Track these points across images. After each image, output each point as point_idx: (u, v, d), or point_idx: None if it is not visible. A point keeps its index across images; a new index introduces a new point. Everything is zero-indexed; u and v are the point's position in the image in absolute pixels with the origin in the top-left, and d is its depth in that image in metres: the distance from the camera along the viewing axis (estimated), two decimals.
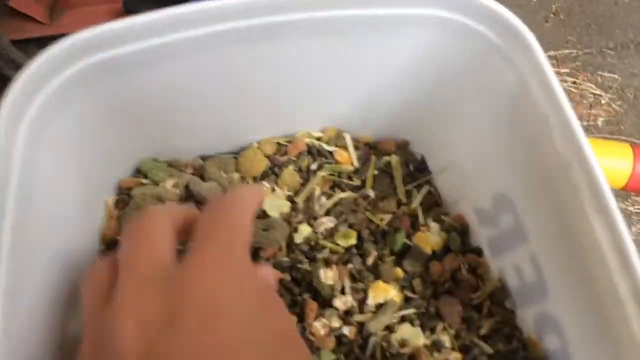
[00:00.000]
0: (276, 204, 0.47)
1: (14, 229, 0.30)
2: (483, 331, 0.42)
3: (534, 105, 0.35)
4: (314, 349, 0.41)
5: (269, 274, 0.34)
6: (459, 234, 0.47)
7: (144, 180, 0.46)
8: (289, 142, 0.50)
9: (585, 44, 1.85)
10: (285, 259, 0.44)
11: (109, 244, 0.43)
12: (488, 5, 0.36)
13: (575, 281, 0.35)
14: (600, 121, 1.71)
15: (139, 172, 0.47)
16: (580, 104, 1.74)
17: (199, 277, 0.25)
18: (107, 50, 0.35)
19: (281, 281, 0.43)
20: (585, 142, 0.32)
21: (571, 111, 0.33)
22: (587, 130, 1.68)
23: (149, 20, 0.34)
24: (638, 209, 1.53)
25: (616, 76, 1.79)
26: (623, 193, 1.58)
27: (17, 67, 0.60)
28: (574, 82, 1.81)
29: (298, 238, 0.46)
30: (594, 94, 1.75)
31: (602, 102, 1.74)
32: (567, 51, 1.82)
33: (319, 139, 0.50)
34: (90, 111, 0.39)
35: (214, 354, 0.23)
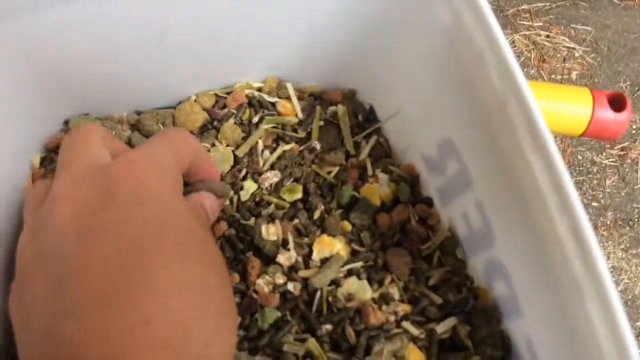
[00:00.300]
0: (217, 159, 0.44)
1: None
2: (432, 282, 0.41)
3: (469, 40, 0.32)
4: (258, 306, 0.39)
5: (203, 198, 0.36)
6: (408, 185, 0.45)
7: None
8: (228, 94, 0.47)
9: None
10: (232, 215, 0.42)
11: None
12: None
13: (519, 225, 0.33)
14: (574, 74, 1.70)
15: (67, 131, 0.44)
16: (554, 57, 1.72)
17: (128, 167, 0.28)
18: None
19: (226, 237, 0.41)
20: (522, 77, 0.30)
21: (506, 44, 0.30)
22: (561, 83, 1.66)
23: None
24: (613, 162, 1.53)
25: (589, 28, 1.77)
26: (598, 145, 1.57)
27: None
28: (548, 36, 1.79)
29: (244, 195, 0.44)
30: (568, 47, 1.73)
31: (576, 55, 1.72)
32: (540, 4, 1.79)
33: (259, 89, 0.48)
34: (5, 63, 0.36)
35: (144, 222, 0.26)
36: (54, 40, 0.37)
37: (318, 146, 0.47)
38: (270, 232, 0.41)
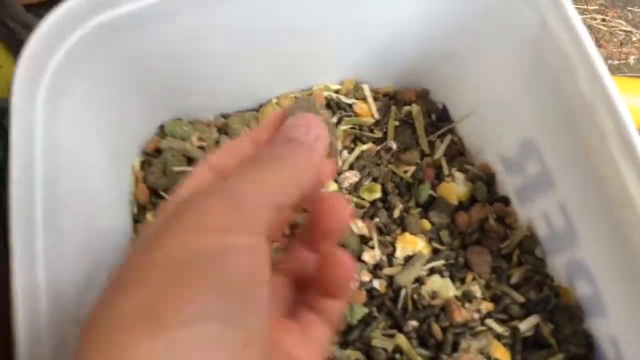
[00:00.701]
0: None
1: (45, 200, 0.30)
2: (513, 280, 0.42)
3: (557, 46, 0.33)
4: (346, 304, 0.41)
5: None
6: (484, 183, 0.46)
7: (170, 139, 0.46)
8: (308, 95, 0.49)
9: None
10: None
11: (143, 207, 0.44)
12: None
13: (605, 227, 0.34)
14: (631, 59, 1.65)
15: (162, 135, 0.46)
16: (610, 42, 1.68)
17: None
18: (112, 8, 0.34)
19: None
20: (611, 83, 0.31)
21: (595, 51, 0.31)
22: (618, 69, 1.62)
23: None
24: None
25: None
26: None
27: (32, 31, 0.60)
28: (603, 20, 1.74)
29: None
30: (625, 30, 1.68)
31: (634, 39, 1.67)
32: None
33: (337, 91, 0.49)
34: (106, 73, 0.38)
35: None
36: (154, 53, 0.39)
37: (394, 146, 0.48)
38: (359, 226, 0.43)
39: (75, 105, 0.36)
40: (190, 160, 0.45)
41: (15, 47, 0.64)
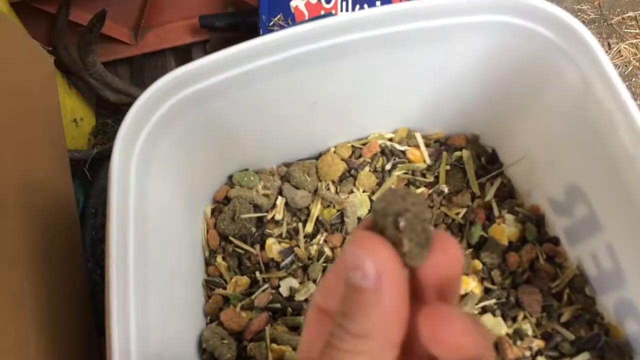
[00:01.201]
0: (356, 204, 0.50)
1: (136, 246, 0.35)
2: (564, 318, 0.44)
3: (598, 102, 0.36)
4: None
5: None
6: (534, 224, 0.48)
7: (238, 187, 0.50)
8: (364, 144, 0.52)
9: None
10: None
11: (213, 251, 0.48)
12: (544, 8, 0.37)
13: None
14: None
15: (231, 184, 0.51)
16: None
17: None
18: (203, 81, 0.39)
19: None
20: None
21: (635, 108, 0.34)
22: None
23: (232, 53, 0.38)
24: None
25: None
26: None
27: (112, 89, 0.67)
28: None
29: None
30: None
31: None
32: None
33: (391, 139, 0.53)
34: (188, 135, 0.43)
35: None
36: (227, 115, 0.44)
37: (446, 189, 0.51)
38: None
39: (161, 161, 0.41)
40: (256, 207, 0.50)
41: (94, 102, 0.71)
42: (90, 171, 0.62)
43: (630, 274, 0.39)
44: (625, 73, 1.45)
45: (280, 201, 0.50)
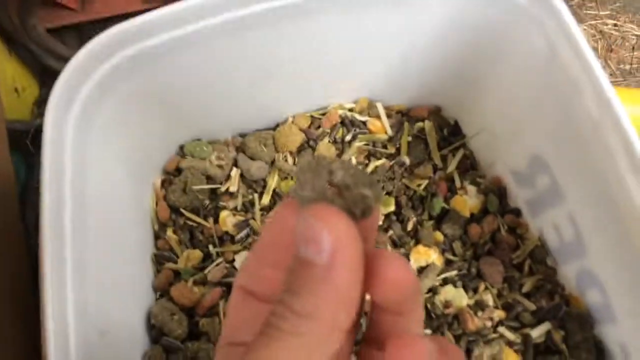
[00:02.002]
0: None
1: (74, 215, 0.32)
2: (525, 289, 0.43)
3: (564, 68, 0.35)
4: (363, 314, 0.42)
5: None
6: (496, 196, 0.47)
7: (190, 158, 0.48)
8: (323, 115, 0.51)
9: None
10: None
11: (163, 224, 0.46)
12: None
13: (612, 238, 0.36)
14: None
15: (182, 154, 0.48)
16: (622, 46, 1.67)
17: None
18: (144, 40, 0.36)
19: None
20: (620, 106, 0.32)
21: (602, 73, 0.33)
22: (630, 73, 1.62)
23: (181, 9, 0.35)
24: None
25: None
26: None
27: (56, 56, 0.63)
28: (615, 25, 1.74)
29: None
30: (637, 35, 1.68)
31: None
32: None
33: (351, 110, 0.51)
34: (132, 100, 0.40)
35: None
36: (175, 80, 0.41)
37: (407, 160, 0.50)
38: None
39: (102, 128, 0.38)
40: (209, 178, 0.47)
41: (38, 70, 0.67)
42: (33, 144, 0.59)
43: (591, 243, 0.39)
44: None
45: (235, 172, 0.48)
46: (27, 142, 0.59)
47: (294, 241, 0.18)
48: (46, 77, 0.66)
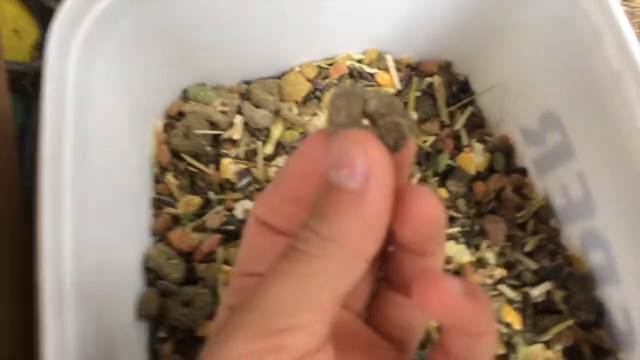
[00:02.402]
0: (319, 127, 0.47)
1: (74, 149, 0.31)
2: (527, 248, 0.43)
3: (585, 14, 0.33)
4: None
5: None
6: (503, 155, 0.46)
7: (193, 103, 0.47)
8: (330, 65, 0.49)
9: None
10: None
11: (164, 169, 0.45)
12: None
13: (625, 196, 0.35)
14: None
15: (185, 99, 0.47)
16: (631, 23, 1.65)
17: None
18: None
19: None
20: (639, 52, 0.31)
21: (627, 23, 0.31)
22: None
23: None
24: None
25: None
26: None
27: None
28: (625, 1, 1.71)
29: None
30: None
31: None
32: None
33: (360, 61, 0.50)
34: (136, 38, 0.39)
35: None
36: (180, 18, 0.40)
37: (415, 116, 0.48)
38: None
39: (104, 66, 0.37)
40: (212, 124, 0.46)
41: (38, 11, 0.65)
42: (32, 86, 0.58)
43: (601, 202, 0.38)
44: None
45: (238, 120, 0.47)
46: (24, 84, 0.58)
47: (322, 171, 0.17)
48: (46, 19, 0.64)
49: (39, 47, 0.63)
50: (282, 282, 0.17)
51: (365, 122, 0.18)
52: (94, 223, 0.34)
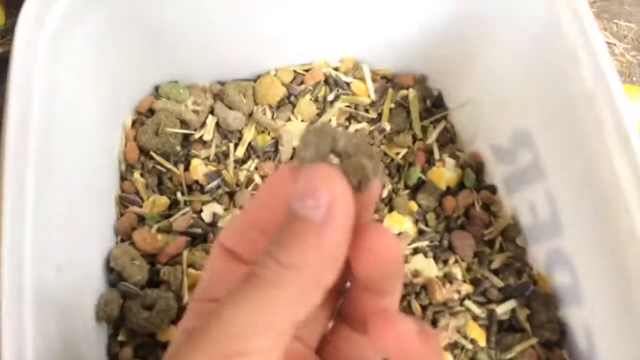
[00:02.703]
0: (292, 133, 0.47)
1: (39, 141, 0.30)
2: (494, 265, 0.43)
3: (563, 35, 0.34)
4: None
5: None
6: (474, 171, 0.47)
7: (165, 100, 0.45)
8: (307, 70, 0.49)
9: None
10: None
11: (131, 166, 0.43)
12: None
13: (592, 219, 0.35)
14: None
15: (157, 96, 0.46)
16: (617, 45, 1.70)
17: None
18: None
19: None
20: (615, 76, 0.32)
21: (602, 44, 0.32)
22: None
23: None
24: None
25: (633, 25, 1.74)
26: None
27: None
28: None
29: None
30: (608, 42, 1.71)
31: (616, 51, 1.70)
32: None
33: (336, 69, 0.49)
34: (107, 31, 0.38)
35: None
36: (155, 14, 0.39)
37: (388, 127, 0.48)
38: None
39: (73, 57, 0.36)
40: (183, 123, 0.45)
41: None
42: None
43: (568, 223, 0.38)
44: None
45: (210, 120, 0.46)
46: None
47: (288, 204, 0.18)
48: (12, 8, 0.62)
49: (4, 34, 0.60)
50: (239, 306, 0.17)
51: (335, 160, 0.19)
52: (57, 220, 0.33)
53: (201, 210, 0.43)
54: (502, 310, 0.41)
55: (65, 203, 0.34)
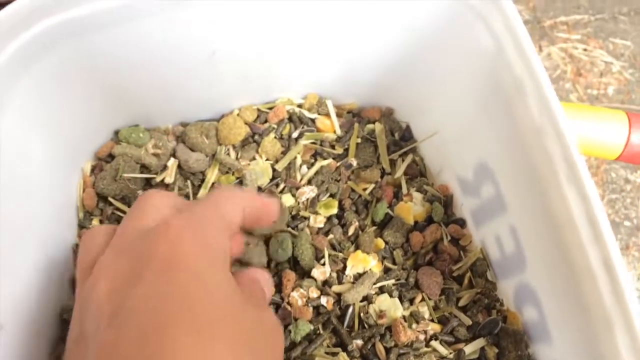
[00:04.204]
0: (257, 172, 0.46)
1: None
2: (462, 302, 0.41)
3: (510, 68, 0.33)
4: (292, 319, 0.40)
5: (257, 273, 0.33)
6: (442, 205, 0.46)
7: (124, 144, 0.45)
8: (270, 108, 0.48)
9: (597, 10, 1.79)
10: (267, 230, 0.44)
11: (89, 213, 0.43)
12: None
13: (551, 253, 0.34)
14: (610, 89, 1.67)
15: (117, 140, 0.46)
16: (591, 71, 1.69)
17: (164, 231, 0.26)
18: (68, 10, 0.33)
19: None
20: (560, 109, 0.31)
21: (545, 75, 0.31)
22: (597, 99, 1.64)
23: None
24: None
25: (629, 43, 1.74)
26: (632, 165, 1.54)
27: None
28: (585, 49, 1.76)
29: None
30: (605, 61, 1.70)
31: (614, 70, 1.69)
32: (578, 17, 1.77)
33: (300, 105, 0.49)
34: (61, 77, 0.38)
35: (170, 298, 0.24)
36: (110, 56, 0.39)
37: (355, 163, 0.48)
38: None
39: (22, 103, 0.36)
40: (143, 167, 0.45)
41: None
42: None
43: (531, 256, 0.37)
44: (553, 76, 1.47)
45: (172, 163, 0.45)
46: None
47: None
48: None
49: None
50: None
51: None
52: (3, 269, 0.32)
53: None
54: (470, 349, 0.39)
55: (14, 256, 0.34)
